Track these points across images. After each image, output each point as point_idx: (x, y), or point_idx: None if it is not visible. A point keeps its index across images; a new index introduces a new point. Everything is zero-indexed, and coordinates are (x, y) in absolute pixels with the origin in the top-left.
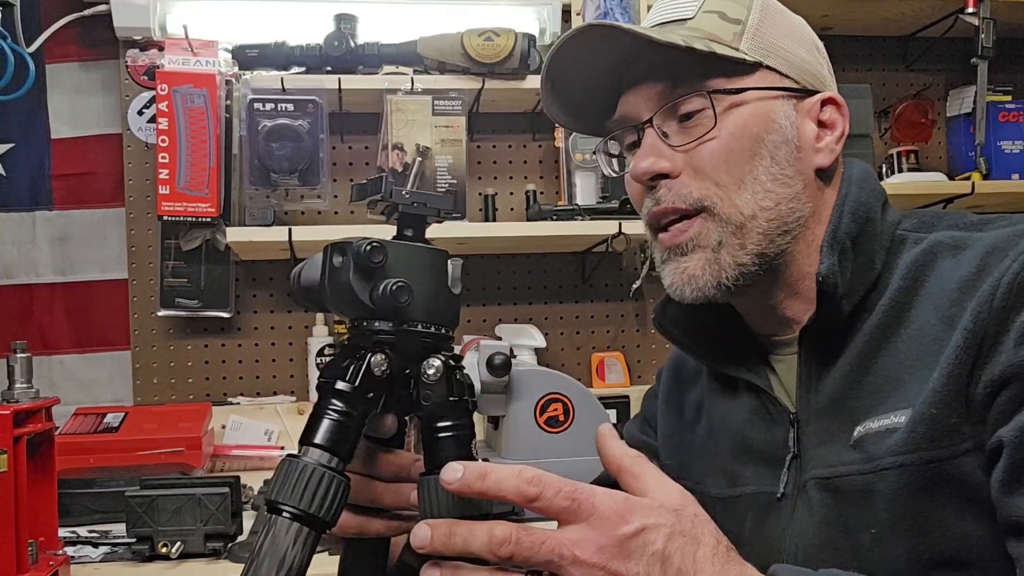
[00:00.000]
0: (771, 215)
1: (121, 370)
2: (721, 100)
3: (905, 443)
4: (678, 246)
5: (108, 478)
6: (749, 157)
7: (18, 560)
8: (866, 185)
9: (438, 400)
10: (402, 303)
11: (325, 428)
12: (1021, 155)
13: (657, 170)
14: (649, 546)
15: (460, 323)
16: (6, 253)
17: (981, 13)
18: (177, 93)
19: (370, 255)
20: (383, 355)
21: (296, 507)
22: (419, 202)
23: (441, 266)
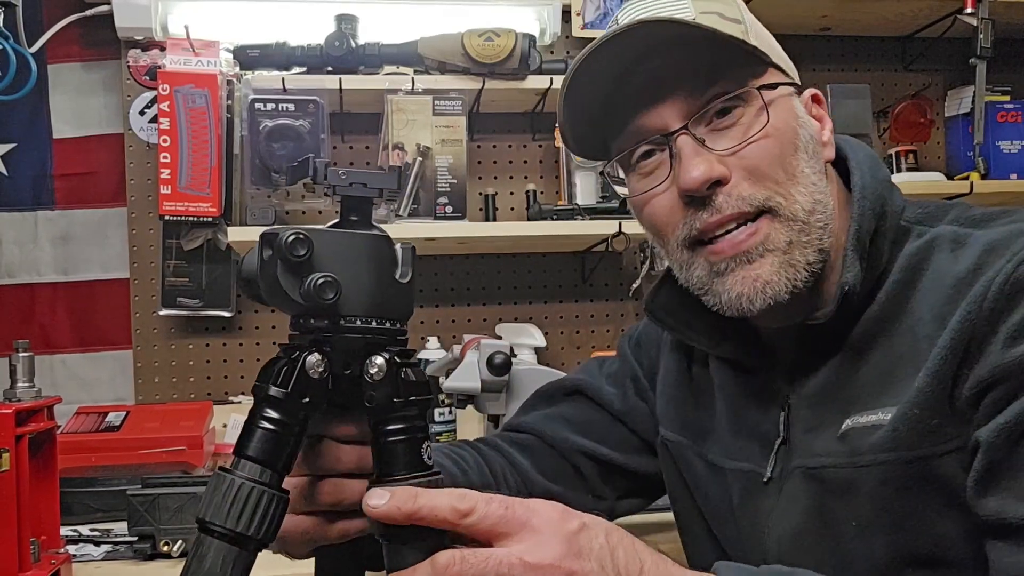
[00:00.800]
0: (822, 208)
1: (123, 369)
2: (766, 95)
3: (887, 442)
4: (744, 253)
5: (110, 477)
6: (794, 151)
7: (20, 558)
8: (877, 173)
9: (382, 401)
10: (328, 299)
11: (258, 439)
12: (1019, 155)
13: (716, 175)
14: (594, 540)
15: (460, 322)
16: (8, 252)
17: (979, 13)
18: (178, 93)
19: (292, 248)
20: (320, 355)
21: (224, 527)
22: (357, 182)
23: (384, 254)
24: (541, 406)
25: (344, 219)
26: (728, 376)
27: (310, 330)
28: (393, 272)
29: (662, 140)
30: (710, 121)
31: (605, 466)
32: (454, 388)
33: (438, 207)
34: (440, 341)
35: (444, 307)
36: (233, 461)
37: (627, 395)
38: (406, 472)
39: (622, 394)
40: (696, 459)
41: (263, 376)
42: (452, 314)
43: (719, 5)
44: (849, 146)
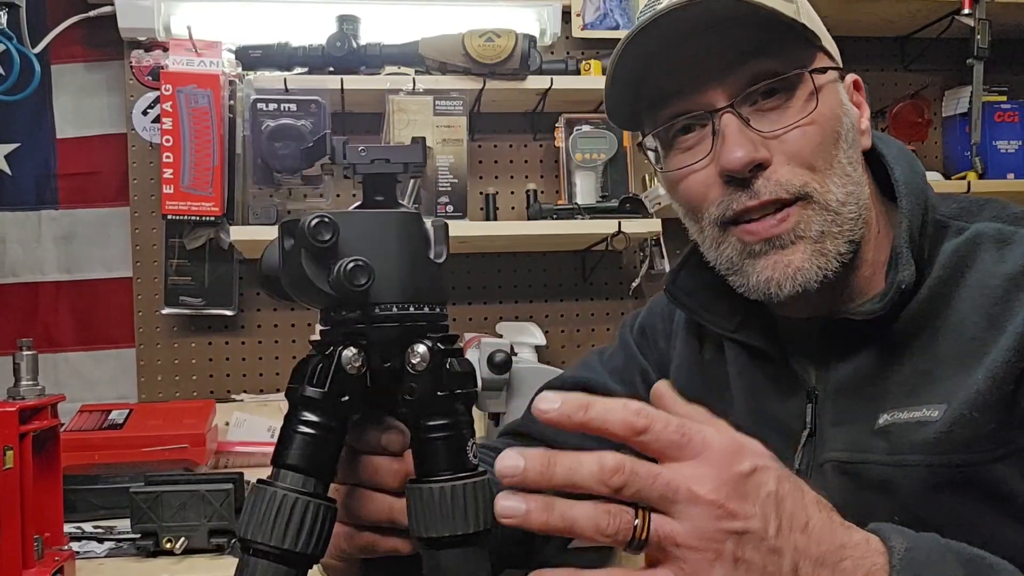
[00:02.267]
0: (855, 199)
1: (126, 367)
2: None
3: (938, 443)
4: (777, 237)
5: (113, 474)
6: (835, 140)
7: (24, 555)
8: (916, 167)
9: (424, 395)
10: (360, 285)
11: (298, 446)
12: (1016, 155)
13: (758, 159)
14: (763, 487)
15: (460, 321)
16: (12, 252)
17: (977, 14)
18: (181, 93)
19: (316, 232)
20: (356, 349)
21: (270, 544)
22: (379, 158)
23: (415, 232)
24: None
25: (368, 199)
26: (745, 363)
27: (342, 322)
28: (427, 252)
29: (706, 117)
30: (755, 101)
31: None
32: None
33: (439, 206)
34: None
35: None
36: (272, 472)
37: (636, 392)
38: (450, 473)
39: (631, 393)
40: None
41: (296, 377)
42: (453, 313)
43: None
44: (881, 141)
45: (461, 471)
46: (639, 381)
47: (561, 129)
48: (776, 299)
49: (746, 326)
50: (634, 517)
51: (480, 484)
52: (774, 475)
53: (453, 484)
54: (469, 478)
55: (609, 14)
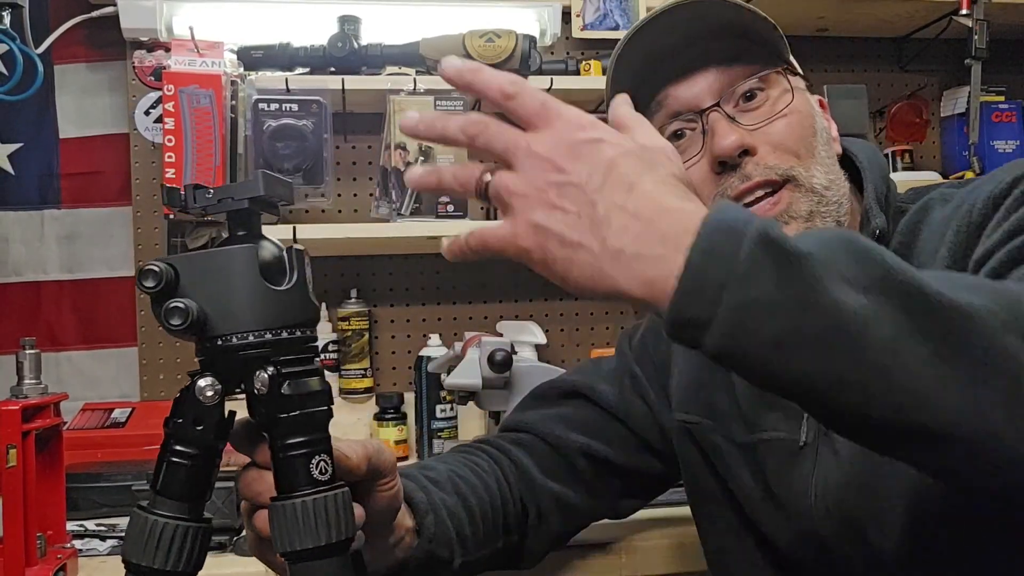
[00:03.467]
0: (837, 187)
1: (128, 366)
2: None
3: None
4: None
5: (115, 472)
6: (812, 134)
7: (27, 553)
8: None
9: (268, 419)
10: (176, 326)
11: (168, 473)
12: (1014, 154)
13: (747, 144)
14: (599, 154)
15: (461, 320)
16: (15, 251)
17: (975, 15)
18: (183, 93)
19: (142, 280)
20: (210, 379)
21: (150, 566)
22: (224, 197)
23: (248, 264)
24: (539, 406)
25: (232, 235)
26: None
27: (199, 355)
28: (270, 281)
29: (694, 117)
30: (737, 103)
31: (604, 465)
32: (455, 385)
33: (440, 206)
34: (441, 338)
35: (445, 305)
36: (151, 498)
37: (623, 392)
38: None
39: (618, 392)
40: (720, 439)
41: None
42: (453, 312)
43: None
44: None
45: (308, 486)
46: (627, 382)
47: None
48: None
49: None
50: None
51: (329, 497)
52: (620, 150)
53: (303, 500)
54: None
55: (609, 15)
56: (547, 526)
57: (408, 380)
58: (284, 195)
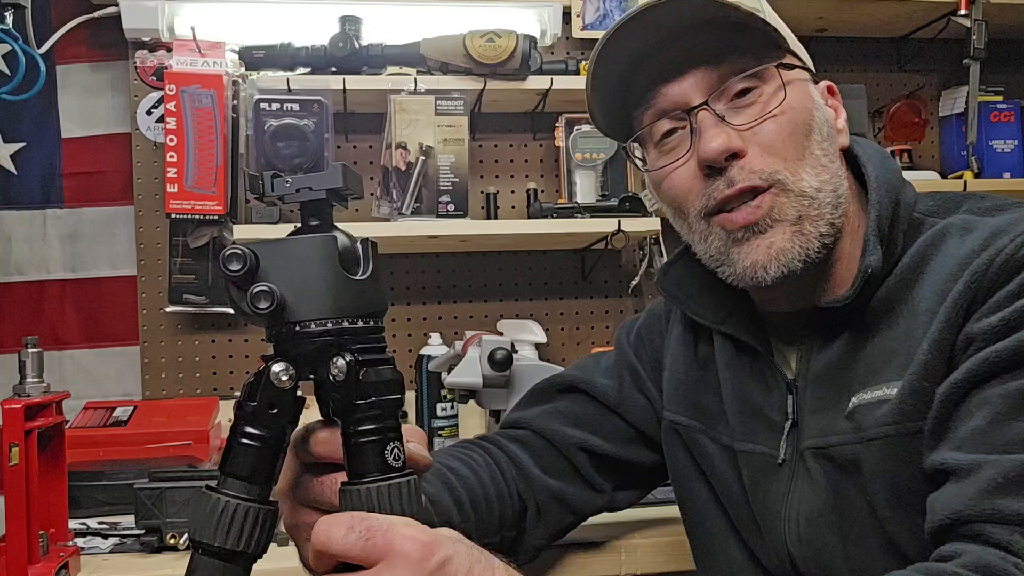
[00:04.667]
0: (830, 188)
1: (130, 365)
2: (784, 74)
3: (892, 414)
4: (756, 223)
5: (117, 471)
6: (807, 132)
7: (30, 551)
8: (888, 164)
9: (343, 405)
10: (262, 310)
11: (237, 454)
12: (1012, 154)
13: (734, 147)
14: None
15: (462, 319)
16: (18, 250)
17: (973, 15)
18: (185, 93)
19: (227, 264)
20: (284, 364)
21: (214, 544)
22: (303, 187)
23: (327, 253)
24: (537, 402)
25: (305, 224)
26: (732, 355)
27: (273, 339)
28: (347, 270)
29: (683, 115)
30: (730, 99)
31: (602, 459)
32: (456, 384)
33: (440, 205)
34: (442, 337)
35: (446, 303)
36: (219, 478)
37: (623, 387)
38: (377, 474)
39: (617, 386)
40: (708, 442)
41: (242, 391)
42: (454, 310)
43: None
44: (858, 143)
45: (384, 472)
46: (626, 376)
47: (561, 129)
48: (764, 283)
49: (732, 319)
50: None
51: (402, 484)
52: (465, 562)
53: (378, 485)
54: (390, 479)
55: (609, 15)
56: (546, 521)
57: (409, 379)
58: (357, 189)
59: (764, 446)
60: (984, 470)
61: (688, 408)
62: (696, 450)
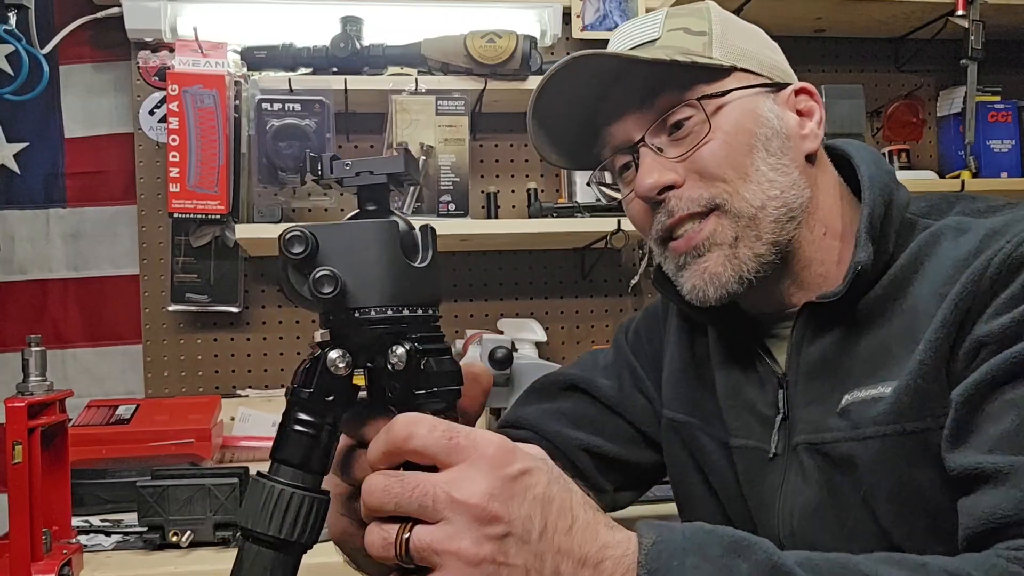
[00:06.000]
0: (778, 203)
1: (133, 363)
2: (708, 104)
3: (888, 413)
4: (694, 248)
5: (120, 469)
6: (747, 151)
7: (33, 548)
8: (882, 165)
9: (404, 393)
10: (327, 294)
11: (291, 442)
12: (1009, 154)
13: (664, 182)
14: (531, 489)
15: (463, 318)
16: (21, 249)
17: (971, 15)
18: (187, 93)
19: (289, 246)
20: (341, 351)
21: (268, 534)
22: (363, 170)
23: (390, 239)
24: (537, 401)
25: (362, 209)
26: (725, 354)
27: (330, 326)
28: (408, 257)
29: (629, 151)
30: (669, 132)
31: (604, 460)
32: None
33: (441, 205)
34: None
35: (447, 303)
36: (271, 466)
37: (623, 386)
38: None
39: (617, 386)
40: (706, 438)
41: (294, 378)
42: (455, 309)
43: (688, 20)
44: (850, 144)
45: None
46: (626, 376)
47: None
48: (708, 303)
49: (723, 316)
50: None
51: None
52: (544, 477)
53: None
54: None
55: (609, 15)
56: None
57: None
58: (416, 176)
59: (757, 441)
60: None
61: (686, 405)
62: (694, 446)
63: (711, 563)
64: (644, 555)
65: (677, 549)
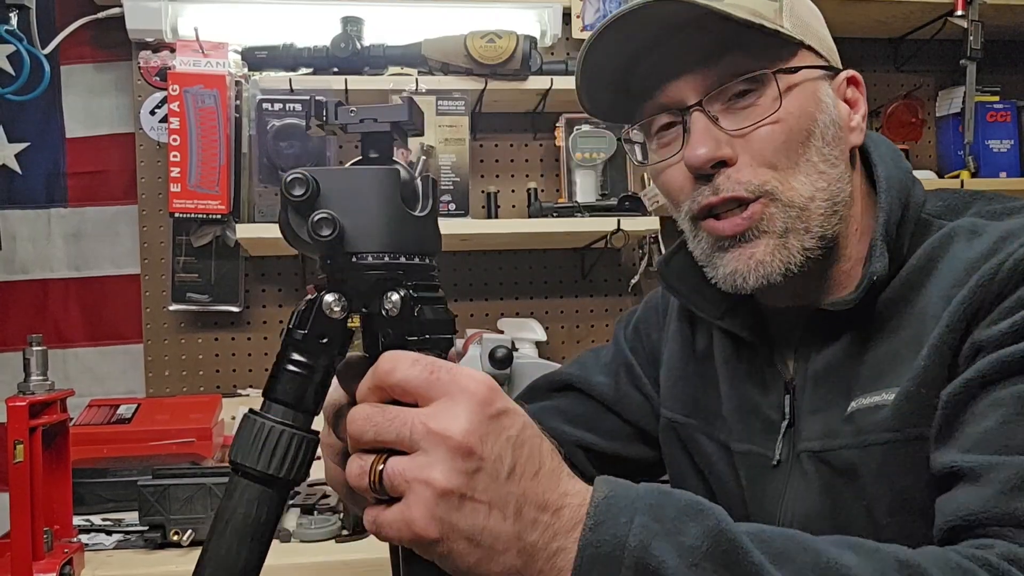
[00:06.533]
0: (826, 196)
1: (134, 363)
2: (783, 79)
3: (890, 420)
4: (741, 234)
5: (121, 468)
6: (805, 139)
7: (34, 547)
8: (900, 164)
9: (397, 339)
10: (324, 236)
11: (283, 380)
12: (1008, 154)
13: (719, 156)
14: (507, 430)
15: (463, 318)
16: (22, 249)
17: (970, 16)
18: (188, 93)
19: (290, 188)
20: (336, 294)
21: (255, 468)
22: (367, 117)
23: (390, 187)
24: (535, 398)
25: (365, 157)
26: (730, 352)
27: (328, 270)
28: (408, 206)
29: (678, 113)
30: (728, 99)
31: (600, 456)
32: None
33: (441, 204)
34: None
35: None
36: (263, 404)
37: (619, 384)
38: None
39: (614, 383)
40: (705, 440)
41: (291, 319)
42: (455, 309)
43: None
44: (871, 140)
45: None
46: (622, 373)
47: (561, 129)
48: (742, 290)
49: (731, 314)
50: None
51: None
52: (520, 420)
53: None
54: None
55: (608, 15)
56: None
57: None
58: (420, 126)
59: (760, 447)
60: (998, 472)
61: (686, 405)
62: (693, 448)
63: (660, 524)
64: (594, 507)
65: (627, 505)
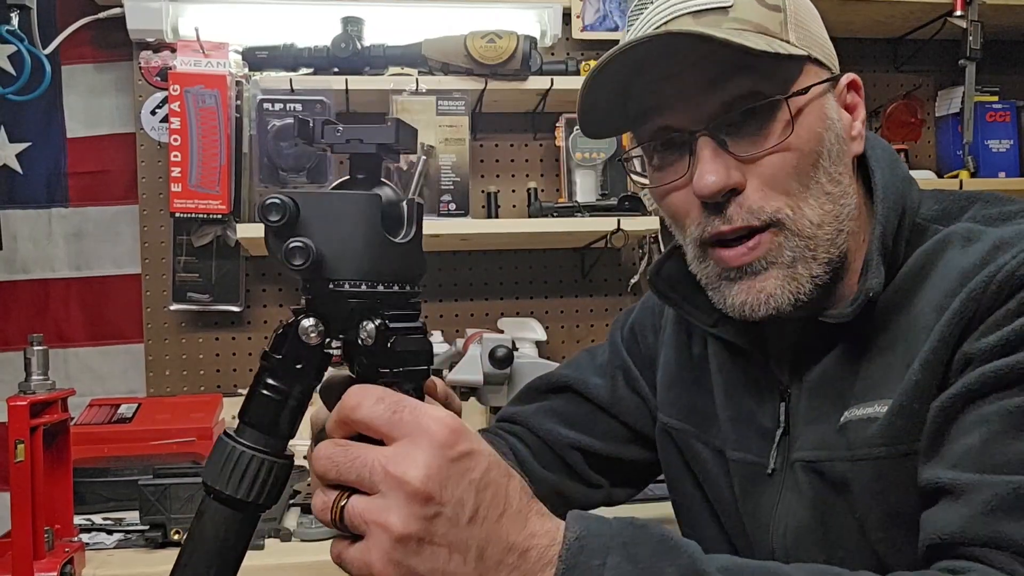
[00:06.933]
0: (832, 218)
1: (134, 362)
2: (795, 103)
3: (881, 435)
4: (749, 265)
5: (122, 467)
6: (815, 161)
7: (35, 546)
8: (897, 169)
9: (370, 370)
10: (297, 266)
11: (257, 405)
12: (1007, 154)
13: (731, 185)
14: (469, 472)
15: (463, 317)
16: (23, 249)
17: (969, 16)
18: (189, 93)
19: (265, 214)
20: (314, 320)
21: (224, 492)
22: (354, 138)
23: (370, 212)
24: (532, 400)
25: (352, 177)
26: (725, 359)
27: (307, 294)
28: (389, 232)
29: (684, 136)
30: (733, 122)
31: (596, 458)
32: (457, 381)
33: (442, 204)
34: (443, 335)
35: (447, 302)
36: (238, 427)
37: (615, 386)
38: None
39: (610, 386)
40: (701, 446)
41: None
42: (455, 308)
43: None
44: (868, 143)
45: None
46: (619, 376)
47: (561, 129)
48: (751, 319)
49: (725, 322)
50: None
51: None
52: (484, 462)
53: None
54: None
55: (608, 16)
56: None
57: None
58: (410, 145)
59: (755, 455)
60: (981, 491)
61: (681, 411)
62: (689, 454)
63: (633, 564)
64: (566, 549)
65: (600, 546)
